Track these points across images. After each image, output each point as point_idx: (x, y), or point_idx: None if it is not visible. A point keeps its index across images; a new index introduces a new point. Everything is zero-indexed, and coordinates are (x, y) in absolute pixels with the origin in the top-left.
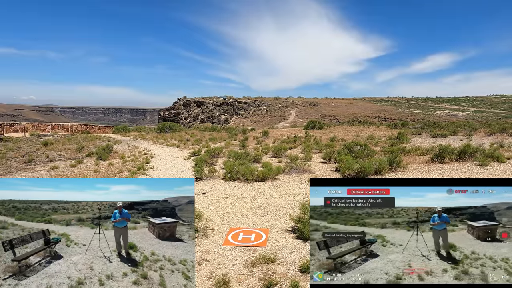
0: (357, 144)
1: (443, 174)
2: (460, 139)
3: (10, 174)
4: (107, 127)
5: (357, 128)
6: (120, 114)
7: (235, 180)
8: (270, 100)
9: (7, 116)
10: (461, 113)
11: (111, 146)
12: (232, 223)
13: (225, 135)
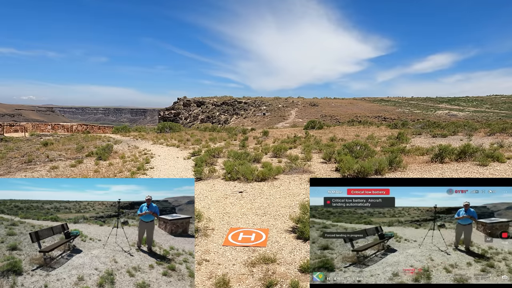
0: (357, 144)
1: (443, 174)
2: (460, 139)
3: (10, 174)
4: (107, 127)
5: (357, 128)
6: (120, 114)
7: (235, 180)
8: (270, 100)
9: (7, 116)
10: (461, 113)
11: (111, 146)
12: (232, 223)
13: (225, 135)
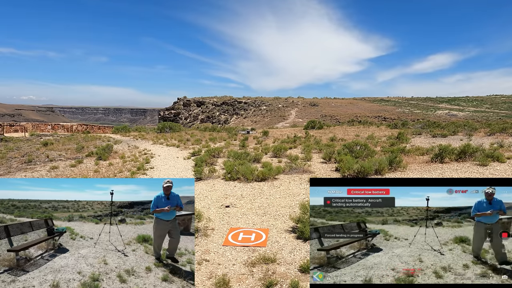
0: (357, 144)
1: (443, 174)
2: (460, 139)
3: (10, 174)
4: (107, 127)
5: (357, 128)
6: (120, 114)
7: (235, 180)
8: (270, 100)
9: (7, 116)
10: (461, 113)
11: (111, 146)
12: (232, 223)
13: (225, 135)
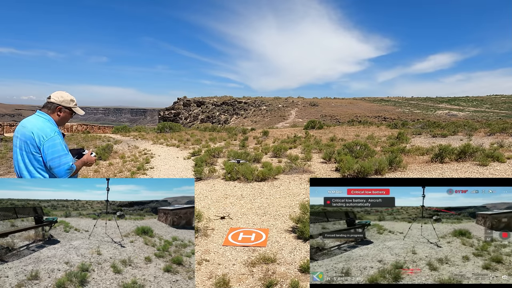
0: (357, 144)
1: (443, 174)
2: (460, 139)
3: (10, 174)
4: (107, 127)
5: (357, 128)
6: (120, 114)
7: (235, 180)
8: (270, 100)
9: (7, 116)
10: (461, 113)
11: (111, 146)
12: (232, 223)
13: (225, 135)
